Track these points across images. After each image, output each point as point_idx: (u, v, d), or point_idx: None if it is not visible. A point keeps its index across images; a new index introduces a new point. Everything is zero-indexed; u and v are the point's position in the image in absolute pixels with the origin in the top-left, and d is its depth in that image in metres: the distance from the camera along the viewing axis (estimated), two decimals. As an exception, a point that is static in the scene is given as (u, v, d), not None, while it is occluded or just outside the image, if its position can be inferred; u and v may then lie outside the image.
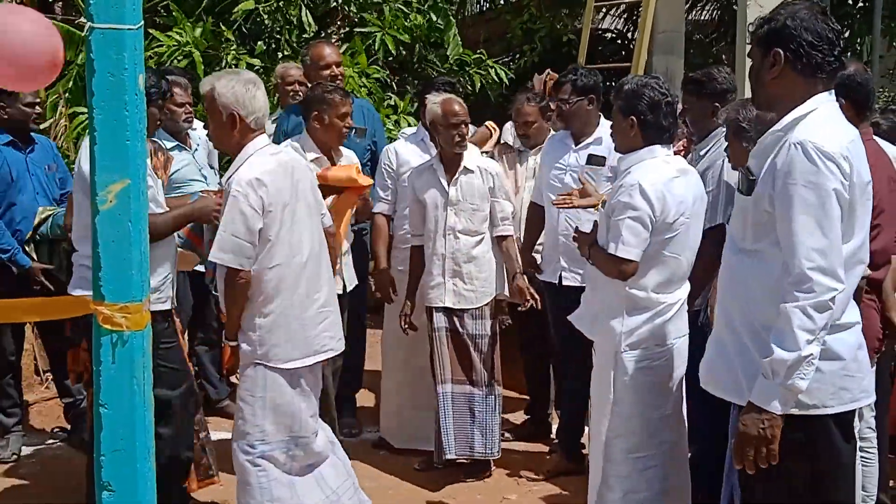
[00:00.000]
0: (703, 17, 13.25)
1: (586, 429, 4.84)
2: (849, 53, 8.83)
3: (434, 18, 8.18)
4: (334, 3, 8.05)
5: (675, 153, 4.31)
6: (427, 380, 5.11)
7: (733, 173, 4.05)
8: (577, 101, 4.97)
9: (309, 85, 5.82)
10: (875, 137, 4.16)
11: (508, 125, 6.51)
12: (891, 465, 4.46)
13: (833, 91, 2.82)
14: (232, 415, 5.94)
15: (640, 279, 3.82)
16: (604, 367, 3.94)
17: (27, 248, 5.07)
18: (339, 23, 8.32)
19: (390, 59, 7.89)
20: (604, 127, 4.99)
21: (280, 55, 7.48)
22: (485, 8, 11.94)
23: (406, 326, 5.09)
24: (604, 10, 11.49)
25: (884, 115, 5.58)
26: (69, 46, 6.31)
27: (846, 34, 10.16)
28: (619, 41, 11.50)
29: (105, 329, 2.14)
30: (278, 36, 7.57)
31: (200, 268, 5.52)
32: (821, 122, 2.73)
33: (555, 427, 5.59)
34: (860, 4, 10.24)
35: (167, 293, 4.09)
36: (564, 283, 5.00)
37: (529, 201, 5.36)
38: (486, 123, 6.05)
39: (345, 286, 4.98)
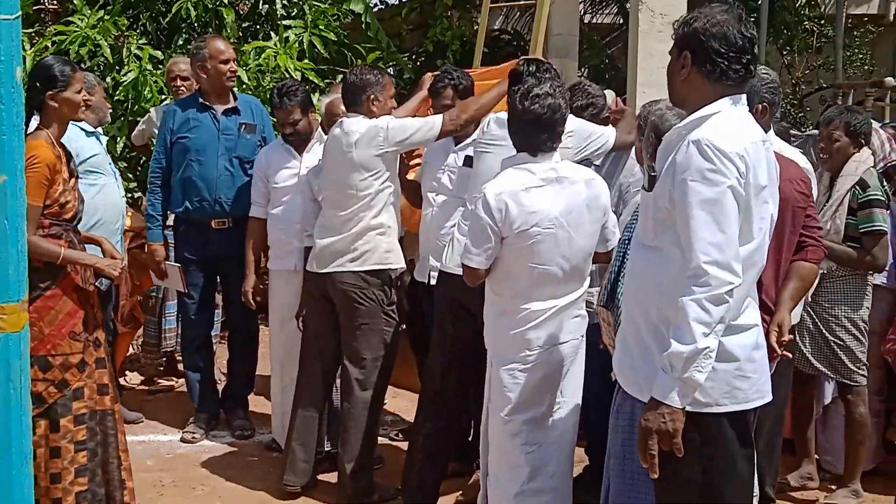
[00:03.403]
0: (601, 21, 13.45)
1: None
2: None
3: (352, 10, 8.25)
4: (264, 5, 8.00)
5: None
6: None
7: None
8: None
9: (196, 80, 5.68)
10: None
11: None
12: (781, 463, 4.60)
13: (742, 97, 2.85)
14: (129, 420, 5.78)
15: (497, 285, 3.93)
16: (487, 369, 4.07)
17: None
18: (259, 25, 8.25)
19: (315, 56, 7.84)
20: None
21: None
22: (381, 7, 11.88)
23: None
24: (503, 10, 11.55)
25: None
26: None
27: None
28: (516, 42, 11.57)
29: (-26, 332, 2.04)
30: (199, 32, 7.44)
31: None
32: (722, 123, 2.77)
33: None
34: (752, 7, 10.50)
35: None
36: (432, 282, 4.89)
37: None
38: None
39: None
